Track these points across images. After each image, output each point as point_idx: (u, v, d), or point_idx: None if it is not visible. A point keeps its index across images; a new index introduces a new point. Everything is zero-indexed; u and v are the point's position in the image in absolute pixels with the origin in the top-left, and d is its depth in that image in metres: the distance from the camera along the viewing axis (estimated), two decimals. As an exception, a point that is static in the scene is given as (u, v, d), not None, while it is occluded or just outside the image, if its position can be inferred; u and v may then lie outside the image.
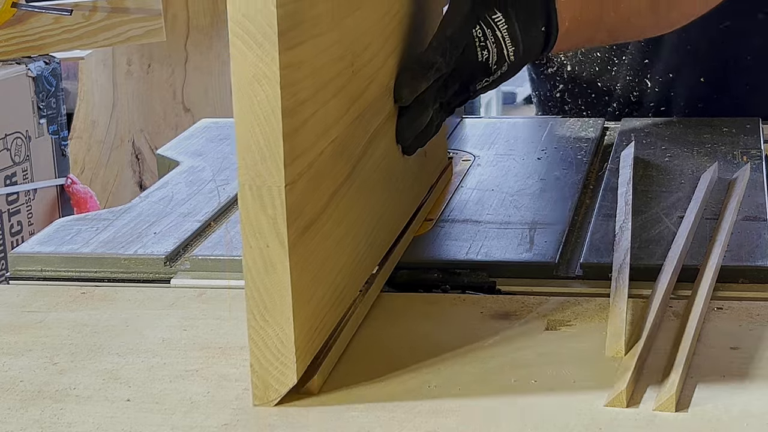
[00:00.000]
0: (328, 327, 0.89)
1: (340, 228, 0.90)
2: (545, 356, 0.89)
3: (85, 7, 2.30)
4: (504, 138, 1.43)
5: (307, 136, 0.82)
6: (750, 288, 1.00)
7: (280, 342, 0.81)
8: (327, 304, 0.88)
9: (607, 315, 0.94)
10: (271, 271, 0.80)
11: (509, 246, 1.08)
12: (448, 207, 1.20)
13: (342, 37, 0.89)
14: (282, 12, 0.77)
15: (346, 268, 0.92)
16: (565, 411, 0.80)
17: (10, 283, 1.12)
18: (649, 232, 1.09)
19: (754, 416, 0.79)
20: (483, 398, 0.83)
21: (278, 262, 0.80)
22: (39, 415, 0.83)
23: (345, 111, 0.91)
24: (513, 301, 0.99)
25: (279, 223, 0.79)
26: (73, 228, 1.18)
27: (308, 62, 0.82)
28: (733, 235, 1.07)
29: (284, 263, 0.80)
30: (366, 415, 0.81)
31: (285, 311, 0.81)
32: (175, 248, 1.13)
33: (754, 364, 0.86)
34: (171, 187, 1.31)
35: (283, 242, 0.79)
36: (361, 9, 0.94)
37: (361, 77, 0.94)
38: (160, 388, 0.86)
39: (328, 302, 0.88)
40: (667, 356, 0.87)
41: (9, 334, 0.97)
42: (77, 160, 2.69)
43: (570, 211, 1.17)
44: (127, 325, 0.98)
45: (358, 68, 0.93)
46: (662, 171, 1.27)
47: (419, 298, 1.02)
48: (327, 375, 0.86)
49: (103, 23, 2.33)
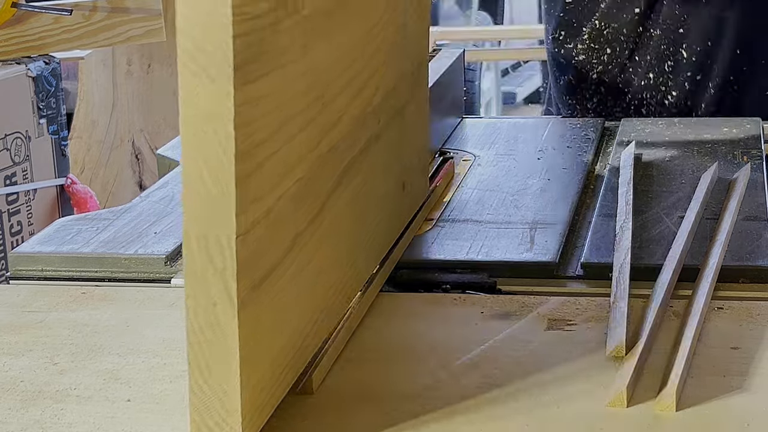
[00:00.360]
0: (287, 381, 0.81)
1: (303, 275, 0.81)
2: (545, 356, 0.89)
3: (85, 7, 2.30)
4: (504, 138, 1.43)
5: (265, 179, 0.73)
6: (750, 288, 1.00)
7: (224, 409, 0.72)
8: (286, 358, 0.79)
9: (608, 315, 0.94)
10: (217, 331, 0.71)
11: (509, 246, 1.08)
12: (448, 207, 1.20)
13: (312, 67, 0.80)
14: (240, 43, 0.67)
15: (308, 316, 0.83)
16: (566, 410, 0.80)
17: (10, 283, 1.12)
18: (650, 232, 1.09)
19: (754, 416, 0.79)
20: (483, 398, 0.83)
21: (225, 322, 0.70)
22: (39, 415, 0.83)
23: (314, 145, 0.82)
24: (513, 301, 0.99)
25: (228, 277, 0.70)
26: (74, 228, 1.18)
27: (272, 95, 0.73)
28: (733, 235, 1.07)
29: (232, 324, 0.70)
30: (365, 415, 0.81)
31: (231, 377, 0.71)
32: (176, 248, 1.13)
33: (754, 364, 0.86)
34: (171, 186, 1.31)
35: (232, 300, 0.70)
36: (333, 36, 0.85)
37: (333, 108, 0.85)
38: (161, 389, 0.86)
39: (288, 354, 0.80)
40: (668, 356, 0.87)
41: (9, 334, 0.97)
42: (77, 160, 2.69)
43: (570, 211, 1.17)
44: (128, 325, 0.98)
45: (331, 98, 0.84)
46: (662, 171, 1.27)
47: (419, 297, 1.02)
48: (325, 374, 0.86)
49: (103, 23, 2.33)
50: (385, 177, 1.02)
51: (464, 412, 0.81)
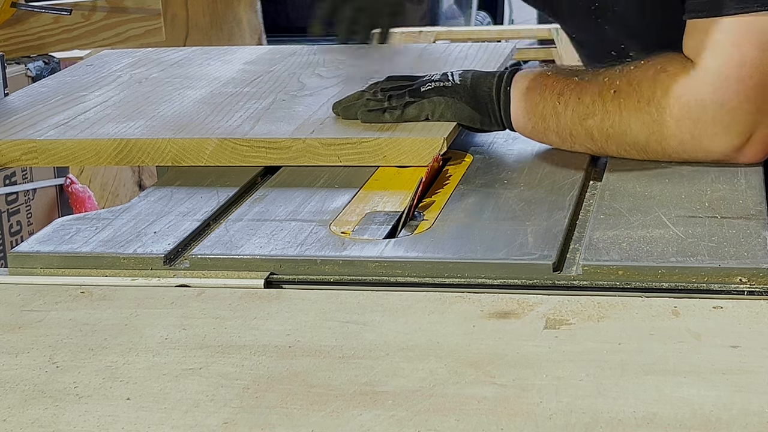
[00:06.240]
0: None
1: None
2: (545, 356, 0.89)
3: (84, 6, 2.31)
4: (503, 138, 1.43)
5: None
6: (750, 288, 1.00)
7: None
8: None
9: (608, 315, 0.94)
10: None
11: (509, 245, 1.08)
12: (447, 207, 1.20)
13: None
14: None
15: None
16: (565, 410, 0.80)
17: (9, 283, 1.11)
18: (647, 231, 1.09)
19: (754, 415, 0.79)
20: (483, 397, 0.83)
21: None
22: (39, 414, 0.83)
23: None
24: (513, 301, 0.99)
25: None
26: (73, 227, 1.18)
27: None
28: (732, 235, 1.07)
29: None
30: (365, 414, 0.81)
31: None
32: (175, 247, 1.13)
33: (754, 364, 0.86)
34: (170, 186, 1.31)
35: None
36: None
37: None
38: (160, 387, 0.86)
39: None
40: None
41: (9, 334, 0.97)
42: (77, 160, 2.68)
43: (570, 210, 1.17)
44: (127, 324, 0.98)
45: None
46: (662, 170, 1.27)
47: (419, 296, 1.02)
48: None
49: (103, 23, 2.33)
50: None
51: (464, 411, 0.81)
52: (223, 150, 1.36)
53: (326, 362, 0.89)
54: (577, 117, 1.30)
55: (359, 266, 1.07)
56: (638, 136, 1.27)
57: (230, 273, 1.08)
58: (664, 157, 1.28)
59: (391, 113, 1.38)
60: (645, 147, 1.28)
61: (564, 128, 1.32)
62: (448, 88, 1.37)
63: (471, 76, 1.38)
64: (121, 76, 1.73)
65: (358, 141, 1.34)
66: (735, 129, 1.24)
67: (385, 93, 1.40)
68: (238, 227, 1.17)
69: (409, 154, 1.33)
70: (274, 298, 1.03)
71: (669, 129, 1.26)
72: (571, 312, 0.96)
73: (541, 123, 1.33)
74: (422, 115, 1.37)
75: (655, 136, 1.27)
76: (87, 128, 1.44)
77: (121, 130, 1.41)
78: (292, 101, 1.53)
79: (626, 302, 0.97)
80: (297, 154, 1.35)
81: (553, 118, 1.32)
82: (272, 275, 1.07)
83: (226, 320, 0.98)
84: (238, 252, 1.10)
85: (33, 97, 1.63)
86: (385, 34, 1.74)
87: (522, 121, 1.35)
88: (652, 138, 1.27)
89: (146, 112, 1.50)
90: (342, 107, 1.43)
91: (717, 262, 1.02)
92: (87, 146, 1.39)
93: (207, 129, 1.41)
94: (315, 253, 1.09)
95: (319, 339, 0.93)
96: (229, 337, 0.94)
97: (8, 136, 1.42)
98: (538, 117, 1.33)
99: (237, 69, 1.75)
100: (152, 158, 1.38)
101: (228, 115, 1.47)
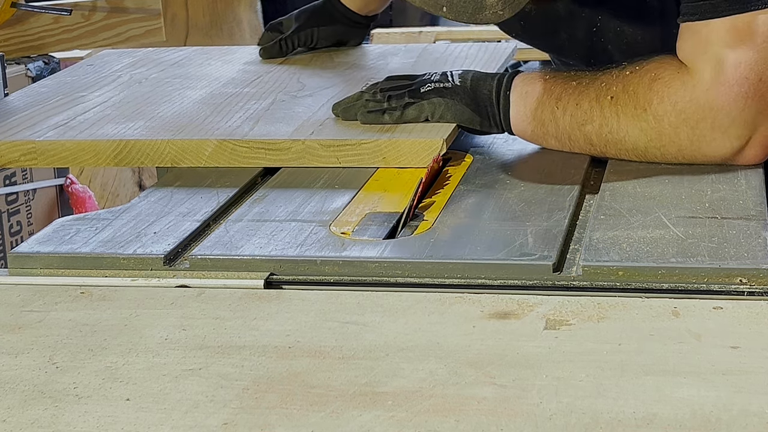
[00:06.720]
0: None
1: None
2: (545, 356, 0.89)
3: (84, 7, 2.31)
4: (503, 138, 1.43)
5: None
6: (750, 288, 1.00)
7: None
8: None
9: (608, 315, 0.94)
10: None
11: (509, 246, 1.08)
12: (447, 207, 1.20)
13: None
14: None
15: None
16: (565, 411, 0.80)
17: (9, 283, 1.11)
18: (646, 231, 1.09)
19: (754, 416, 0.79)
20: (483, 398, 0.83)
21: None
22: (39, 415, 0.83)
23: None
24: (513, 302, 0.99)
25: None
26: (73, 228, 1.18)
27: None
28: (733, 236, 1.07)
29: None
30: (365, 415, 0.81)
31: None
32: (174, 248, 1.13)
33: (754, 364, 0.86)
34: (170, 186, 1.31)
35: None
36: None
37: None
38: (160, 388, 0.86)
39: None
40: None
41: (9, 334, 0.97)
42: (76, 160, 2.68)
43: (570, 211, 1.17)
44: (127, 324, 0.98)
45: None
46: (662, 171, 1.27)
47: (419, 296, 1.02)
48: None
49: (103, 23, 2.33)
50: None
51: (464, 411, 0.81)
52: (223, 151, 1.36)
53: (326, 363, 0.89)
54: (575, 122, 1.30)
55: (359, 267, 1.07)
56: (637, 143, 1.27)
57: (230, 273, 1.08)
58: (664, 161, 1.28)
59: (391, 114, 1.37)
60: (644, 152, 1.28)
61: (563, 133, 1.32)
62: (448, 89, 1.37)
63: (471, 78, 1.37)
64: (121, 76, 1.73)
65: (358, 143, 1.34)
66: (734, 132, 1.24)
67: (384, 94, 1.39)
68: (238, 228, 1.17)
69: (408, 156, 1.33)
70: (274, 298, 1.03)
71: (667, 136, 1.25)
72: (571, 312, 0.96)
73: (540, 128, 1.33)
74: (422, 116, 1.37)
75: (654, 143, 1.27)
76: (86, 129, 1.43)
77: (120, 131, 1.41)
78: (291, 102, 1.53)
79: (626, 303, 0.97)
80: (296, 155, 1.35)
81: (552, 123, 1.32)
82: (272, 276, 1.07)
83: (225, 321, 0.98)
84: (238, 252, 1.10)
85: (33, 97, 1.63)
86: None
87: (521, 126, 1.35)
88: (650, 144, 1.27)
89: (146, 113, 1.50)
90: (341, 108, 1.43)
91: (717, 262, 1.02)
92: (86, 147, 1.39)
93: (206, 130, 1.41)
94: (315, 253, 1.09)
95: (318, 339, 0.93)
96: (229, 337, 0.94)
97: (7, 137, 1.42)
98: (537, 122, 1.33)
99: (237, 69, 1.75)
100: (151, 159, 1.38)
101: (228, 116, 1.46)
